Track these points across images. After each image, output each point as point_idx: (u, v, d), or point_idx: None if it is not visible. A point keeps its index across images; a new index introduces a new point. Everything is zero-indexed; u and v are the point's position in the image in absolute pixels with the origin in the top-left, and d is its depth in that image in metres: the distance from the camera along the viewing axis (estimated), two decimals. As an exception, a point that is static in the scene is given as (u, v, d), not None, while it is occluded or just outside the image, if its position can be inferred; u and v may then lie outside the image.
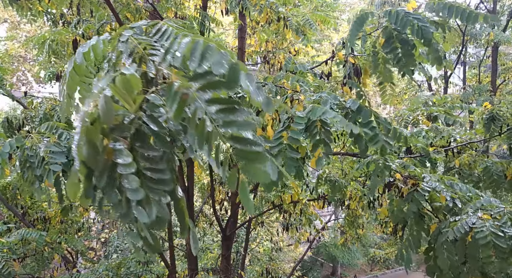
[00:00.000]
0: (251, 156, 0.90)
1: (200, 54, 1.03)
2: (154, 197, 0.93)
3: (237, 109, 0.94)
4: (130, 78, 0.97)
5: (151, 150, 0.98)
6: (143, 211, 0.90)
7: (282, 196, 6.21)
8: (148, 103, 1.01)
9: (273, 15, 5.75)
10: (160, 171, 0.97)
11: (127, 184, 0.89)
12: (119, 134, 0.96)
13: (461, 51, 13.03)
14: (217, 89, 0.97)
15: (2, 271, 4.17)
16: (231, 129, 0.91)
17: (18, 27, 15.56)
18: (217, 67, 0.98)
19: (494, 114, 4.04)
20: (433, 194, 3.15)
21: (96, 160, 0.93)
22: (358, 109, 2.46)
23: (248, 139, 0.92)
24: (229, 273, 6.89)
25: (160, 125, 0.99)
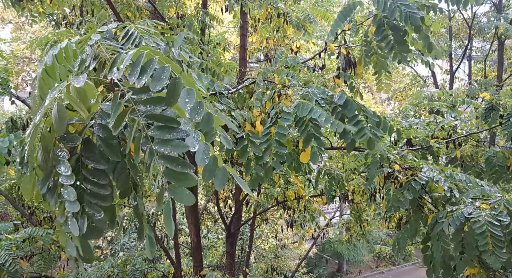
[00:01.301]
0: (179, 177, 0.89)
1: (140, 68, 1.00)
2: (89, 211, 0.93)
3: (174, 128, 0.93)
4: (85, 87, 0.97)
5: (98, 161, 0.97)
6: (75, 224, 0.90)
7: (286, 192, 6.22)
8: (102, 112, 1.01)
9: (273, 11, 5.73)
10: (101, 186, 0.97)
11: (66, 195, 0.89)
12: (67, 143, 0.96)
13: (467, 45, 12.89)
14: (156, 104, 0.95)
15: (9, 269, 4.22)
16: (164, 149, 0.90)
17: (23, 28, 15.70)
18: (155, 82, 0.96)
19: (493, 104, 4.00)
20: (432, 185, 3.15)
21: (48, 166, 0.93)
22: (345, 104, 2.46)
23: (179, 159, 0.90)
24: (233, 270, 6.92)
25: (110, 134, 0.98)
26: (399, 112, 5.32)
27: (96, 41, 1.23)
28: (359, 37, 3.57)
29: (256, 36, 6.77)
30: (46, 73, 1.20)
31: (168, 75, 0.97)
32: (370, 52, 3.34)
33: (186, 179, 0.89)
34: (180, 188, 0.89)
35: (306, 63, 4.11)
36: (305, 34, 5.68)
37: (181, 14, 5.54)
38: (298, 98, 2.44)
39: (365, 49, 3.35)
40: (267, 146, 2.37)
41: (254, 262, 10.60)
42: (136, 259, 6.60)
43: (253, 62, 8.78)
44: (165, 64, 1.00)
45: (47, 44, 5.40)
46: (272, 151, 2.32)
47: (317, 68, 4.07)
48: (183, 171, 0.89)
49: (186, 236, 11.31)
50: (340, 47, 3.65)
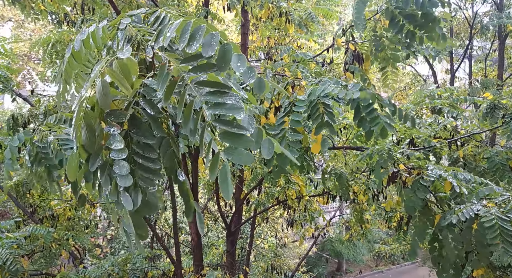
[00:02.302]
0: (235, 139, 0.90)
1: (190, 34, 1.01)
2: (142, 184, 0.93)
3: (226, 92, 0.94)
4: (127, 62, 0.97)
5: (146, 136, 0.97)
6: (128, 198, 0.90)
7: (287, 191, 6.22)
8: (146, 87, 1.00)
9: (275, 10, 5.72)
10: (151, 160, 0.97)
11: (118, 169, 0.89)
12: (115, 119, 0.96)
13: (468, 44, 12.88)
14: (207, 71, 0.96)
15: (10, 267, 4.22)
16: (219, 111, 0.91)
17: (23, 26, 15.66)
18: (206, 48, 0.97)
19: (495, 103, 4.00)
20: (437, 184, 3.13)
21: (93, 144, 0.93)
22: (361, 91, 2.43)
23: (233, 122, 0.91)
24: (234, 269, 6.93)
25: (157, 109, 0.99)
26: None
27: (127, 24, 1.21)
28: (366, 33, 3.56)
29: (257, 34, 6.75)
30: (73, 57, 1.20)
31: (218, 41, 0.98)
32: (380, 47, 3.32)
33: (243, 140, 0.90)
34: (238, 149, 0.89)
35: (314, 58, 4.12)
36: (307, 33, 5.67)
37: (182, 12, 5.53)
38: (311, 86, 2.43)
39: (374, 44, 3.32)
40: (282, 135, 2.37)
41: (254, 261, 10.61)
42: (137, 257, 6.60)
43: (253, 60, 8.77)
44: (213, 31, 1.01)
45: (49, 44, 5.40)
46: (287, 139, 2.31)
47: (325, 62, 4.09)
48: (240, 132, 0.90)
49: (186, 234, 11.31)
50: (348, 43, 3.65)
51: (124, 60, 0.97)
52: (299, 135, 2.33)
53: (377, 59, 3.41)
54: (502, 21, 10.38)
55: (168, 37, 1.05)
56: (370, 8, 3.49)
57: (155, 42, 1.08)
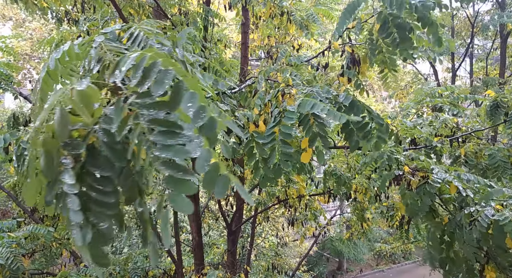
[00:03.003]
0: (180, 184, 0.87)
1: (143, 71, 0.99)
2: (93, 220, 0.91)
3: (177, 133, 0.91)
4: (87, 90, 0.95)
5: (103, 168, 0.95)
6: (79, 234, 0.88)
7: (288, 190, 6.21)
8: (106, 116, 0.98)
9: (276, 9, 5.71)
10: (106, 193, 0.94)
11: (70, 204, 0.87)
12: (71, 150, 0.94)
13: (469, 43, 12.85)
14: (159, 109, 0.93)
15: (11, 266, 4.22)
16: (166, 154, 0.88)
17: (23, 25, 15.66)
18: (156, 86, 0.94)
19: (498, 101, 3.99)
20: (442, 185, 3.11)
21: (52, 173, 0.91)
22: (350, 104, 2.38)
23: (180, 166, 0.88)
24: (235, 268, 6.93)
25: (114, 138, 0.95)
26: (400, 110, 5.29)
27: (99, 43, 1.20)
28: (363, 35, 3.54)
29: (258, 33, 6.74)
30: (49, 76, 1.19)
31: (171, 79, 0.96)
32: (376, 50, 3.31)
33: (186, 186, 0.87)
34: (180, 196, 0.86)
35: (309, 62, 4.08)
36: (307, 34, 5.66)
37: (184, 11, 5.51)
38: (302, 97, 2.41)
39: (370, 47, 3.32)
40: (272, 146, 2.34)
41: (255, 260, 10.61)
42: (138, 257, 6.61)
43: (254, 59, 8.76)
44: (168, 67, 0.98)
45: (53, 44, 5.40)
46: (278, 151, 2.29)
47: (320, 66, 4.05)
48: (184, 178, 0.87)
49: (187, 233, 11.32)
50: (344, 46, 3.63)
51: (87, 89, 0.95)
52: (290, 147, 2.29)
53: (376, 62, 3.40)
54: (503, 20, 10.35)
55: (123, 72, 1.02)
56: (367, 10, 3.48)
57: (111, 76, 1.05)
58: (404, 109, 4.99)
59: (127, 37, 1.36)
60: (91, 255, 0.90)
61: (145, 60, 1.00)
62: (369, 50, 3.23)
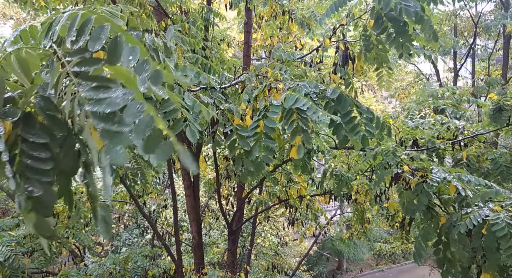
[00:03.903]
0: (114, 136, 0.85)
1: (77, 28, 0.97)
2: (28, 187, 0.89)
3: (109, 87, 0.89)
4: (26, 56, 0.93)
5: (38, 136, 0.93)
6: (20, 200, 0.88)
7: (288, 191, 6.20)
8: (44, 83, 0.96)
9: (277, 8, 5.68)
10: (41, 160, 0.92)
11: (6, 170, 0.87)
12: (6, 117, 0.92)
13: (472, 43, 12.80)
14: (93, 65, 0.91)
15: (13, 264, 4.21)
16: (98, 107, 0.86)
17: (24, 24, 15.62)
18: (93, 42, 0.92)
19: (501, 104, 3.96)
20: (441, 186, 3.10)
21: None
22: (338, 99, 2.38)
23: (114, 118, 0.86)
24: (235, 267, 6.92)
25: (51, 104, 0.94)
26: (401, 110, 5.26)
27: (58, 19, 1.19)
28: (358, 31, 3.52)
29: (261, 32, 6.71)
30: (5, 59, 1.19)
31: (107, 34, 0.94)
32: (370, 46, 3.29)
33: (120, 137, 0.84)
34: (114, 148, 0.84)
35: (303, 59, 4.05)
36: (309, 33, 5.63)
37: (185, 10, 5.49)
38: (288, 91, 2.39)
39: (364, 44, 3.30)
40: (255, 140, 2.32)
41: (255, 259, 10.61)
42: (138, 256, 6.60)
43: (255, 59, 8.73)
44: (104, 23, 0.97)
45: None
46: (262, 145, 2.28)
47: (314, 63, 4.02)
48: (118, 130, 0.84)
49: (187, 233, 11.31)
50: (338, 42, 3.60)
51: (22, 54, 0.93)
52: (273, 142, 2.28)
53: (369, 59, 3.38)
54: (506, 21, 10.31)
55: (56, 31, 1.00)
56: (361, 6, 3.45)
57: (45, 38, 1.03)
58: (407, 109, 4.96)
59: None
60: (33, 225, 0.89)
61: (78, 17, 0.98)
62: (363, 47, 3.21)
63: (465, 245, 2.58)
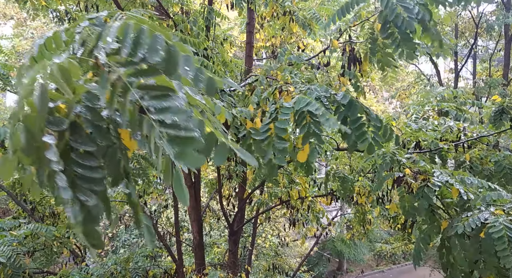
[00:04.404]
0: (185, 142, 0.86)
1: (132, 40, 0.97)
2: (80, 196, 0.89)
3: (170, 95, 0.90)
4: (68, 66, 0.92)
5: (86, 144, 0.93)
6: (70, 211, 0.87)
7: (290, 192, 6.19)
8: (89, 93, 0.96)
9: (279, 9, 5.67)
10: (92, 168, 0.92)
11: (59, 181, 0.85)
12: (54, 127, 0.92)
13: (473, 44, 12.78)
14: (151, 76, 0.92)
15: (15, 264, 4.21)
16: (164, 116, 0.87)
17: (25, 24, 15.63)
18: (152, 55, 0.93)
19: (504, 107, 3.94)
20: (444, 189, 3.09)
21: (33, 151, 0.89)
22: (348, 104, 2.37)
23: (180, 125, 0.87)
24: (236, 268, 6.91)
25: (98, 116, 0.94)
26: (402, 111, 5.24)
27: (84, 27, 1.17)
28: (364, 33, 3.52)
29: (264, 33, 6.70)
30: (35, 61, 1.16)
31: (163, 44, 0.94)
32: (376, 49, 3.29)
33: (192, 142, 0.86)
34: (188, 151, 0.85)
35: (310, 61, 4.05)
36: (310, 33, 5.62)
37: (186, 10, 5.48)
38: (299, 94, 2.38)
39: (371, 46, 3.29)
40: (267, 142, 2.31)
41: (255, 260, 10.60)
42: (139, 256, 6.59)
43: (256, 59, 8.71)
44: (156, 32, 0.97)
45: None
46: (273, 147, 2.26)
47: (321, 65, 4.02)
48: (188, 135, 0.86)
49: (187, 233, 11.30)
50: (345, 44, 3.60)
51: (64, 64, 0.92)
52: (285, 142, 2.26)
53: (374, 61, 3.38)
54: (509, 20, 10.29)
55: (110, 43, 0.99)
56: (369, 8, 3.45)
57: (94, 48, 1.02)
58: (410, 112, 4.95)
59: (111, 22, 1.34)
60: (84, 235, 0.88)
61: (131, 27, 0.98)
62: (369, 49, 3.21)
63: (465, 249, 2.57)
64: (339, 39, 3.65)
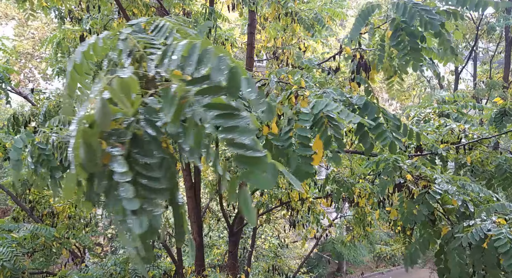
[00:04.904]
0: (252, 162, 0.87)
1: (197, 58, 0.99)
2: (147, 207, 0.90)
3: (236, 114, 0.92)
4: (128, 80, 0.94)
5: (148, 156, 0.94)
6: (136, 221, 0.87)
7: (290, 193, 6.18)
8: (146, 106, 0.98)
9: (281, 10, 5.67)
10: (156, 179, 0.93)
11: (123, 192, 0.86)
12: (116, 139, 0.93)
13: (473, 46, 12.78)
14: (215, 94, 0.94)
15: (14, 266, 4.19)
16: (231, 135, 0.89)
17: (26, 24, 15.63)
18: (216, 74, 0.95)
19: (506, 109, 3.94)
20: (445, 195, 3.07)
21: (94, 165, 0.90)
22: (364, 105, 2.36)
23: (248, 144, 0.89)
24: (236, 270, 6.89)
25: (158, 130, 0.96)
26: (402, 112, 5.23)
27: (126, 35, 1.20)
28: (374, 41, 3.52)
29: (265, 34, 6.70)
30: (75, 71, 1.18)
31: (227, 65, 0.97)
32: (384, 56, 3.29)
33: (259, 163, 0.87)
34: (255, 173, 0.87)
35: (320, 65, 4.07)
36: (314, 34, 5.62)
37: (187, 11, 5.48)
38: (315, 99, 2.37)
39: (379, 54, 3.29)
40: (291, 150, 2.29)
41: (255, 261, 10.58)
42: (138, 257, 6.56)
43: (256, 60, 8.71)
44: (220, 54, 1.00)
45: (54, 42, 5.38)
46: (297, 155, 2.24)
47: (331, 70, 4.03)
48: (255, 155, 0.88)
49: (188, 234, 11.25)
50: (355, 50, 3.60)
51: (125, 79, 0.94)
52: (310, 149, 2.22)
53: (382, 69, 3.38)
54: (509, 22, 10.29)
55: (175, 60, 1.02)
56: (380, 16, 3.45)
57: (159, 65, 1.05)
58: (411, 114, 4.94)
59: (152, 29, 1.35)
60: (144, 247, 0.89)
61: (197, 47, 1.01)
62: (377, 56, 3.20)
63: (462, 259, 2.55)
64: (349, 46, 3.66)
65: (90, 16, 5.19)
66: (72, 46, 5.25)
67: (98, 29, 5.10)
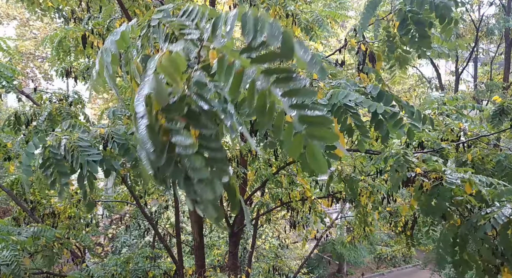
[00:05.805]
0: (317, 121, 0.90)
1: (253, 26, 1.00)
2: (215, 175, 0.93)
3: (294, 77, 0.92)
4: (176, 56, 0.96)
5: (205, 128, 0.97)
6: (205, 189, 0.90)
7: (291, 193, 6.18)
8: (195, 82, 1.00)
9: (281, 11, 5.67)
10: (216, 149, 0.96)
11: (190, 164, 0.88)
12: (174, 113, 0.95)
13: (473, 47, 12.80)
14: (271, 60, 0.95)
15: (15, 271, 4.19)
16: (294, 98, 0.90)
17: (27, 24, 15.67)
18: (272, 39, 0.96)
19: (504, 107, 3.96)
20: (455, 188, 3.05)
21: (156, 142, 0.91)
22: (379, 95, 2.38)
23: (309, 105, 0.90)
24: (237, 270, 6.89)
25: (209, 103, 0.98)
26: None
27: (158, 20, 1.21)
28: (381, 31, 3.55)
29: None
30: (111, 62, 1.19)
31: (280, 31, 0.98)
32: (393, 47, 3.32)
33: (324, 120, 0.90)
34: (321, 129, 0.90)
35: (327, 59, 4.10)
36: (312, 37, 5.64)
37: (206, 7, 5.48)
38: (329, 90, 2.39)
39: (388, 45, 3.32)
40: None
41: (255, 261, 10.58)
42: (139, 257, 6.57)
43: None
44: (270, 20, 1.02)
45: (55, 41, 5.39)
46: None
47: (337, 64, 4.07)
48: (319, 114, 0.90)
49: (186, 234, 11.29)
50: (359, 43, 3.63)
51: (174, 55, 0.97)
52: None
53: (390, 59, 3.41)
54: (509, 24, 10.31)
55: (230, 29, 1.03)
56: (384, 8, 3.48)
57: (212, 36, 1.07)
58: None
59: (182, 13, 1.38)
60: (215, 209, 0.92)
61: (249, 16, 1.02)
62: (387, 48, 3.24)
63: (490, 245, 2.54)
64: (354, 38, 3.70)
65: (91, 16, 5.21)
66: (73, 45, 5.26)
67: (100, 29, 5.12)
